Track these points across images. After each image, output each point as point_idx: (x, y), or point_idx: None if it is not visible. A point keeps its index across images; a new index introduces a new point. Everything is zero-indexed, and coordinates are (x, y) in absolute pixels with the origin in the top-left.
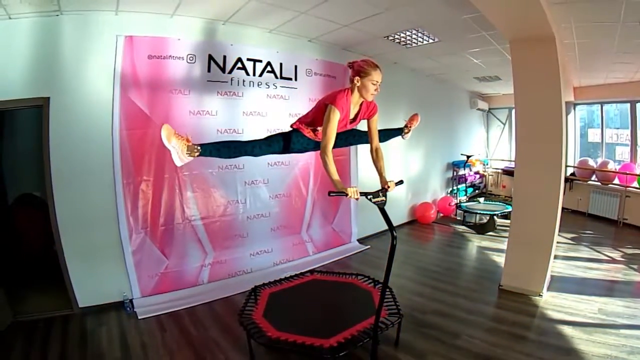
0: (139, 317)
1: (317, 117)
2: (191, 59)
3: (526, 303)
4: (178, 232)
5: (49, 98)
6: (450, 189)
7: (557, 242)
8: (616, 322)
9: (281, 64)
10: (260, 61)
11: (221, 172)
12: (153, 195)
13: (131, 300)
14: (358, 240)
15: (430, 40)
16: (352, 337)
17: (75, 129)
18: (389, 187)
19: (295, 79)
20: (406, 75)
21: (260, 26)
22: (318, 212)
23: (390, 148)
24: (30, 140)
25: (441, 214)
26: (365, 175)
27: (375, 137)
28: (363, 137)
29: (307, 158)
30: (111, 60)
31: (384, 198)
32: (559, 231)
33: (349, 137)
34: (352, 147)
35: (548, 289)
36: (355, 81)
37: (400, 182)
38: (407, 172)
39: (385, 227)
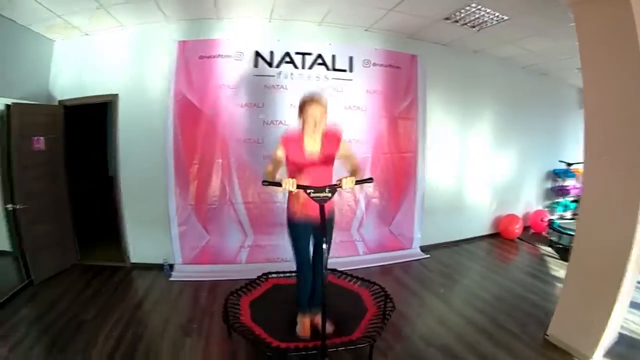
0: (170, 279)
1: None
2: (239, 56)
3: None
4: (221, 212)
5: (117, 95)
6: (549, 201)
7: None
8: None
9: (334, 56)
10: (310, 54)
11: (265, 161)
12: (200, 177)
13: (172, 265)
14: (421, 247)
15: (499, 19)
16: (303, 347)
17: (138, 120)
18: (340, 183)
19: (351, 70)
20: (491, 66)
21: (306, 20)
22: (373, 211)
23: (470, 148)
24: None
25: (532, 230)
26: (433, 174)
27: (349, 160)
28: None
29: (364, 151)
30: (167, 62)
31: (328, 195)
32: None
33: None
34: (420, 145)
35: (605, 354)
36: (299, 121)
37: (369, 179)
38: (492, 176)
39: (457, 238)
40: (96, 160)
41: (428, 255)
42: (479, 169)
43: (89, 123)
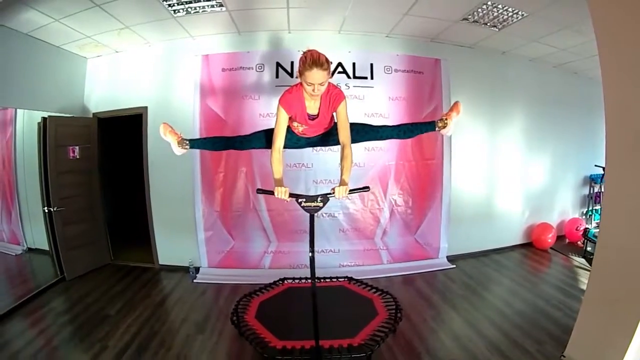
0: (194, 281)
1: None
2: (260, 67)
3: None
4: (245, 219)
5: (146, 107)
6: (585, 209)
7: None
8: None
9: (354, 64)
10: (330, 63)
11: (289, 169)
12: (225, 185)
13: (197, 268)
14: (448, 257)
15: (519, 16)
16: (300, 347)
17: None
18: (333, 192)
19: (372, 78)
20: (522, 67)
21: (324, 29)
22: (398, 219)
23: (501, 152)
24: None
25: (567, 239)
26: (460, 183)
27: (342, 130)
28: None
29: (387, 159)
30: (192, 76)
31: (319, 204)
32: None
33: (327, 137)
34: (446, 152)
35: None
36: (298, 78)
37: (366, 188)
38: (524, 183)
39: (487, 247)
40: (133, 169)
41: (454, 266)
42: (510, 176)
43: (128, 134)
